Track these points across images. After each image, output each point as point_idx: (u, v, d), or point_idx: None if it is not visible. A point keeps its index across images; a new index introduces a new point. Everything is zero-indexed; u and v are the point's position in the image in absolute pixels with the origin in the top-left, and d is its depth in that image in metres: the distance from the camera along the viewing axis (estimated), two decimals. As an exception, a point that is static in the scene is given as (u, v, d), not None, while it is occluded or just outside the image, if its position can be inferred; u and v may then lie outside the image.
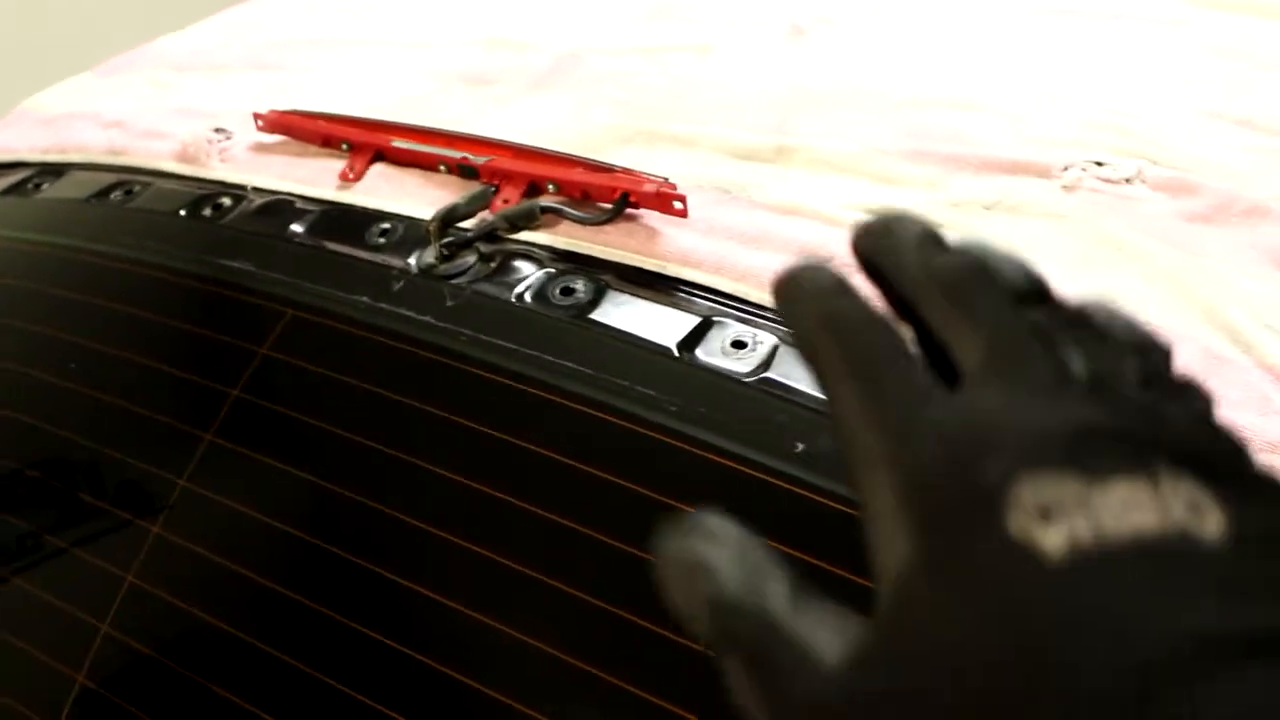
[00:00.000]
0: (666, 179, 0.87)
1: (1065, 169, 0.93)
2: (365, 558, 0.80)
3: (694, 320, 0.82)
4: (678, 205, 0.86)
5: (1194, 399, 0.28)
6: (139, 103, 1.22)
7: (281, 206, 1.00)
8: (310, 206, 1.00)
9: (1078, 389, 0.27)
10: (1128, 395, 0.27)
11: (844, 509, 0.70)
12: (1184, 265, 0.84)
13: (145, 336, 0.96)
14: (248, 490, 0.85)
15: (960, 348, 0.29)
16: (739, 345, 0.80)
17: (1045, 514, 0.24)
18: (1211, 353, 0.78)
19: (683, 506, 0.73)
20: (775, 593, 0.28)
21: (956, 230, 0.86)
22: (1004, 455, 0.25)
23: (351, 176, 1.00)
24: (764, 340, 0.80)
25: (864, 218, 0.33)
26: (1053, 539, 0.24)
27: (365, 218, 0.97)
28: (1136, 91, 1.03)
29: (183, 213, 1.03)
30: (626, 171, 0.88)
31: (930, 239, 0.32)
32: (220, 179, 1.06)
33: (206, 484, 0.85)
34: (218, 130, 1.11)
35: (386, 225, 0.95)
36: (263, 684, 0.79)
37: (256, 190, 1.03)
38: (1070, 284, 0.79)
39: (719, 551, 0.29)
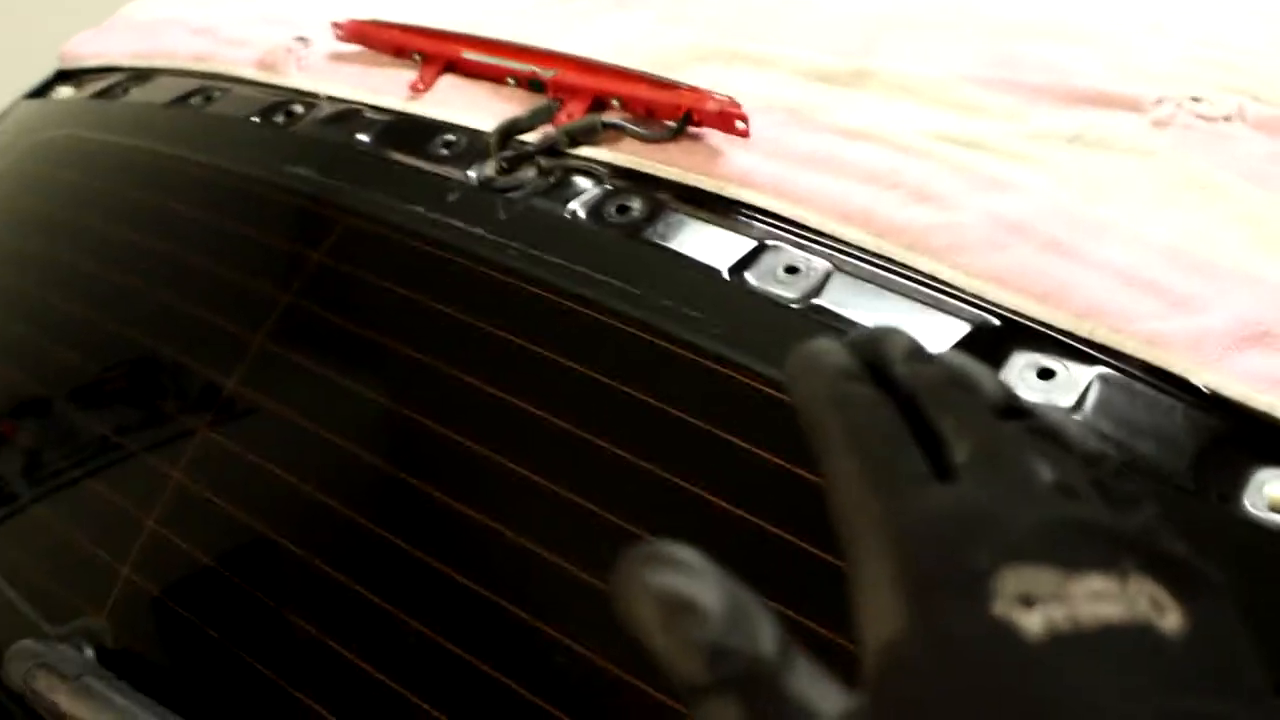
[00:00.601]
0: (732, 98, 0.84)
1: (1159, 103, 0.88)
2: (396, 464, 0.79)
3: (749, 244, 0.79)
4: (740, 125, 0.83)
5: (1145, 505, 0.31)
6: (227, 10, 1.23)
7: (350, 115, 1.00)
8: (379, 116, 0.99)
9: (1049, 492, 0.30)
10: (1092, 499, 0.30)
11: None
12: (1272, 208, 0.79)
13: (208, 239, 0.97)
14: (293, 395, 0.85)
15: (948, 447, 0.32)
16: (792, 270, 0.77)
17: (1026, 600, 0.27)
18: (1293, 301, 0.73)
19: (720, 432, 0.70)
20: (766, 639, 0.29)
21: (1037, 164, 0.82)
22: (992, 546, 0.28)
23: (421, 87, 0.99)
24: (817, 266, 0.77)
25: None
26: (1033, 622, 0.26)
27: (431, 129, 0.96)
28: (1244, 25, 0.97)
29: (255, 119, 1.03)
30: (691, 89, 0.86)
31: (916, 352, 0.34)
32: (296, 86, 1.06)
33: (254, 386, 0.85)
34: (299, 39, 1.11)
35: (451, 137, 0.94)
36: (292, 588, 0.80)
37: (329, 99, 1.03)
38: (1150, 222, 0.74)
39: (705, 590, 0.29)
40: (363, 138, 0.97)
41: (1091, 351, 0.71)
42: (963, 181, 0.80)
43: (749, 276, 0.77)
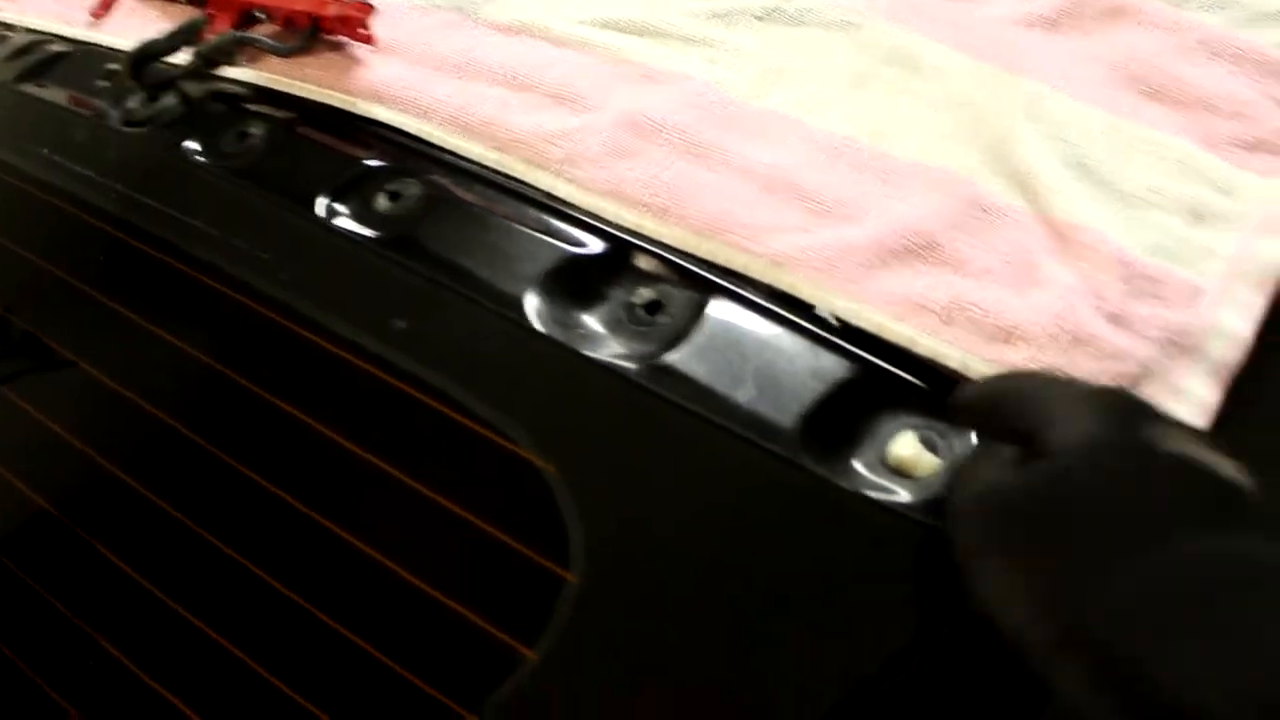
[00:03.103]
0: (361, 1, 0.72)
1: (887, -38, 0.72)
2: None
3: (355, 168, 0.68)
4: (363, 30, 0.71)
5: None
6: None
7: (34, 47, 0.89)
8: (62, 47, 0.89)
9: None
10: None
11: (419, 395, 0.56)
12: (989, 88, 0.64)
13: None
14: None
15: None
16: (394, 197, 0.65)
17: (1168, 435, 0.41)
18: (978, 204, 0.59)
19: (255, 389, 0.60)
20: None
21: (712, 48, 0.68)
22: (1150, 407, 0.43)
23: (101, 12, 0.88)
24: (415, 192, 0.65)
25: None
26: (1171, 443, 0.40)
27: (98, 58, 0.85)
28: None
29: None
30: (320, -10, 0.73)
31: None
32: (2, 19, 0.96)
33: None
34: (25, -33, 1.01)
35: (115, 66, 0.83)
36: None
37: (28, 30, 0.93)
38: (830, 111, 0.60)
39: None
40: (38, 71, 0.86)
41: (711, 277, 0.58)
42: (611, 78, 0.67)
43: (343, 207, 0.65)
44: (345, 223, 0.64)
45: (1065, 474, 0.39)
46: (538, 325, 0.58)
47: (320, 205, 0.66)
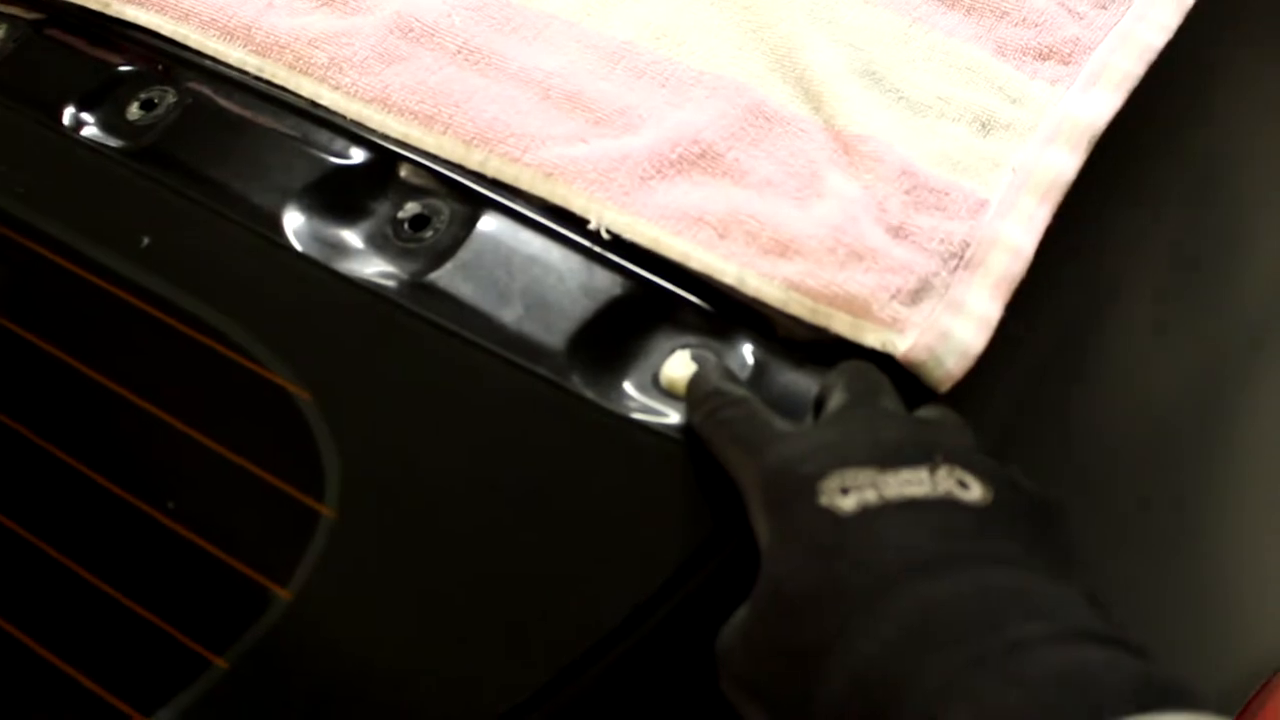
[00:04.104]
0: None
1: None
2: None
3: (105, 75, 0.62)
4: (116, -79, 0.65)
5: (955, 426, 0.43)
6: None
7: None
8: None
9: (879, 419, 0.42)
10: (910, 421, 0.42)
11: (166, 318, 0.52)
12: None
13: None
14: None
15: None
16: (148, 106, 0.60)
17: (845, 491, 0.37)
18: (761, 112, 0.56)
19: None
20: None
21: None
22: (823, 461, 0.39)
23: None
24: (171, 100, 0.60)
25: None
26: (848, 503, 0.37)
27: None
28: None
29: None
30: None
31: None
32: None
33: None
34: None
35: None
36: None
37: None
38: (617, 13, 0.57)
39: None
40: None
41: (481, 190, 0.55)
42: (384, -23, 0.63)
43: (92, 116, 0.60)
44: (93, 133, 0.60)
45: (765, 600, 0.38)
46: (295, 243, 0.54)
47: (67, 115, 0.60)
